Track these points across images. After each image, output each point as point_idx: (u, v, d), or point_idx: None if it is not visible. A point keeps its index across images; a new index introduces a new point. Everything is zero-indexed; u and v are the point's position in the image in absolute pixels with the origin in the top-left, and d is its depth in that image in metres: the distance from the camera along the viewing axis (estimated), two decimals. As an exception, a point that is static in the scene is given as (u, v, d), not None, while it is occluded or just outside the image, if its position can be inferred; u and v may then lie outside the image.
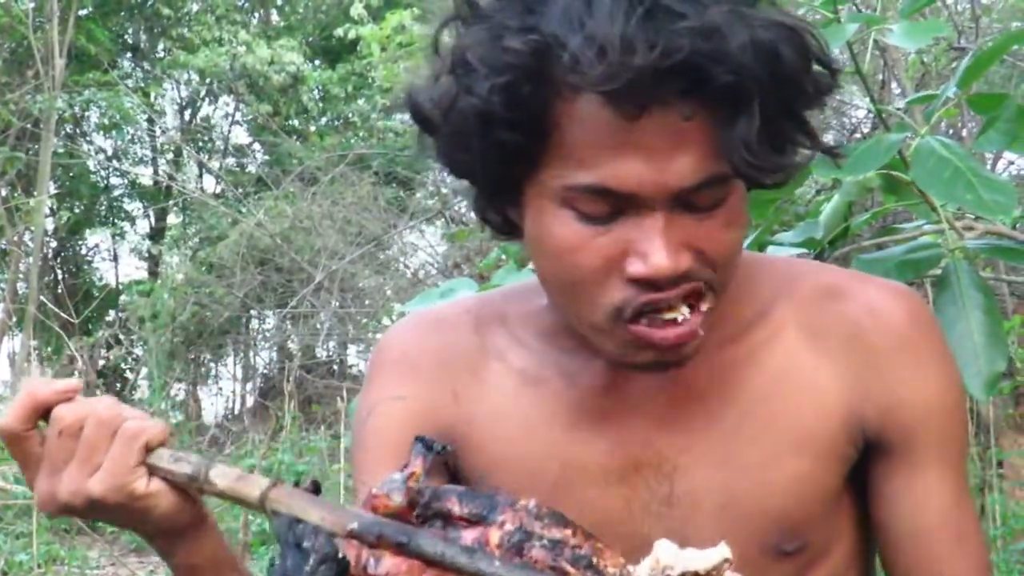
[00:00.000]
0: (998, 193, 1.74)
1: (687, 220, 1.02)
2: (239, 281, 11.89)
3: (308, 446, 7.58)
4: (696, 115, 0.97)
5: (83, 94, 13.48)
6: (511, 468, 1.20)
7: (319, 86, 14.39)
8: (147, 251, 15.66)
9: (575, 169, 1.01)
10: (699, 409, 1.16)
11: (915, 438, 1.16)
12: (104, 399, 1.07)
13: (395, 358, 1.27)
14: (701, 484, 1.16)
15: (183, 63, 14.10)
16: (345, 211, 11.49)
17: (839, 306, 1.18)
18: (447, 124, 1.05)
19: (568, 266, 1.05)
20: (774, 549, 1.16)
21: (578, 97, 0.99)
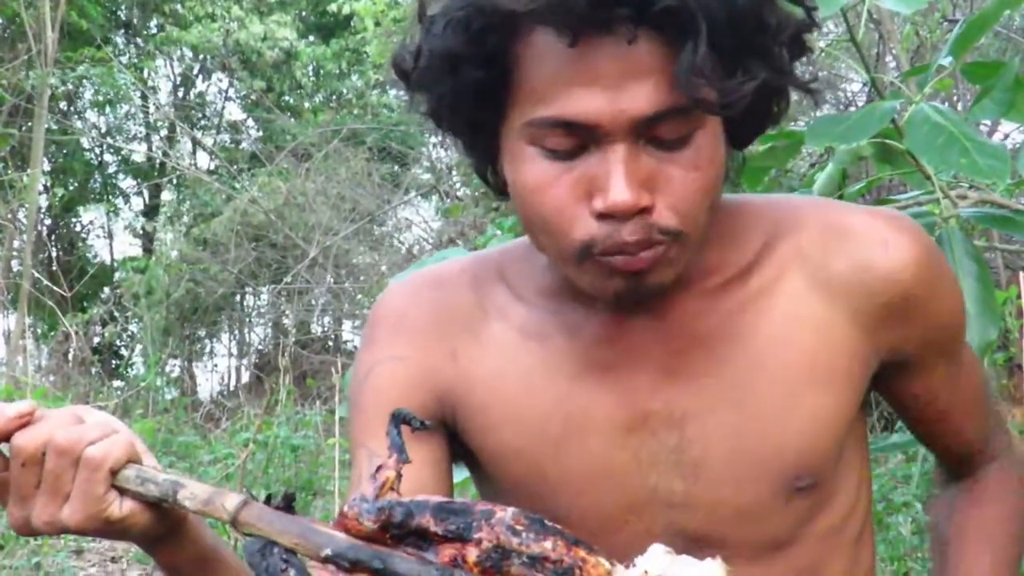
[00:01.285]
0: (992, 157, 1.74)
1: (651, 157, 1.03)
2: (233, 257, 11.89)
3: (303, 420, 7.59)
4: (643, 41, 0.99)
5: (76, 71, 13.44)
6: (514, 426, 1.20)
7: (313, 62, 14.35)
8: (141, 228, 15.65)
9: (536, 104, 1.03)
10: (706, 356, 1.16)
11: (927, 352, 1.21)
12: (63, 418, 1.03)
13: (392, 319, 1.27)
14: (712, 431, 1.16)
15: (176, 39, 14.05)
16: (339, 187, 11.48)
17: (847, 246, 1.17)
18: (418, 71, 1.08)
19: (539, 205, 1.06)
20: (787, 488, 1.16)
21: (534, 33, 1.01)
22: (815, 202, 1.25)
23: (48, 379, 10.14)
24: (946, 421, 1.27)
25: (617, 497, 1.18)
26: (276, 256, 11.87)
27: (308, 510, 5.33)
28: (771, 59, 1.04)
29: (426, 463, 1.20)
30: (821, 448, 1.17)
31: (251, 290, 13.34)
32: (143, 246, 15.44)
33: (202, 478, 6.04)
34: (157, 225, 14.93)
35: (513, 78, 1.04)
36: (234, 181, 12.96)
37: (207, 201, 13.18)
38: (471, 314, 1.24)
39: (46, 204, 14.71)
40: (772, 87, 1.06)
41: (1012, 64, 2.06)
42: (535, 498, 1.19)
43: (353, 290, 11.55)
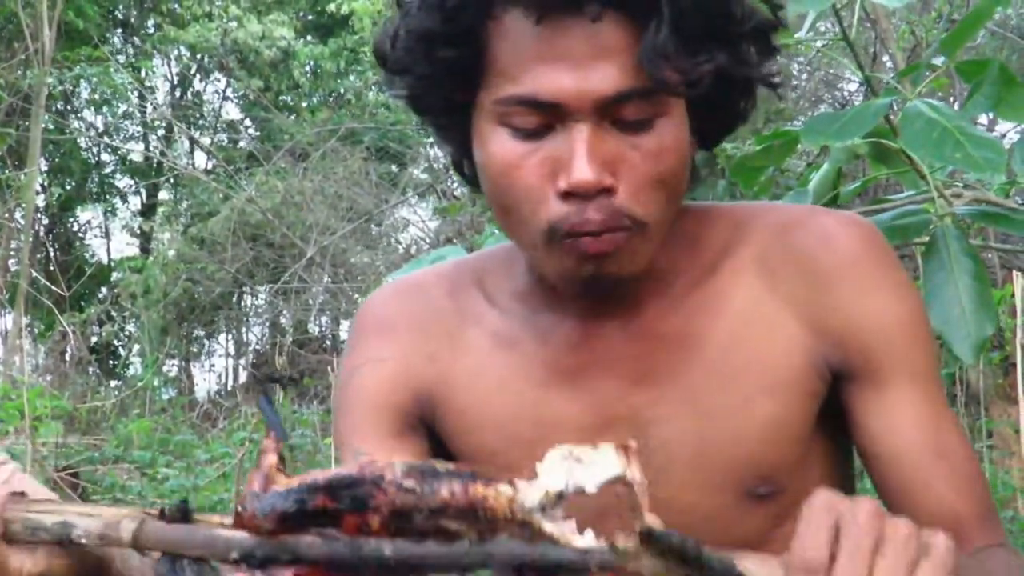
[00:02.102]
0: (987, 150, 1.74)
1: (614, 138, 1.05)
2: (231, 257, 11.90)
3: (300, 419, 7.60)
4: (607, 26, 1.01)
5: (73, 70, 13.44)
6: (489, 427, 1.22)
7: (311, 61, 14.35)
8: (138, 227, 15.66)
9: (505, 82, 1.05)
10: (668, 360, 1.17)
11: (876, 360, 1.16)
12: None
13: (373, 323, 1.29)
14: (674, 435, 1.17)
15: (173, 38, 14.06)
16: (336, 186, 11.49)
17: (792, 238, 1.18)
18: (395, 53, 1.11)
19: (506, 185, 1.08)
20: (748, 494, 1.17)
21: (505, 14, 1.03)
22: (771, 206, 1.26)
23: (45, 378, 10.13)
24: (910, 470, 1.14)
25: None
26: (273, 255, 11.88)
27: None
28: (735, 48, 1.06)
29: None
30: (776, 456, 1.17)
31: (248, 290, 13.34)
32: (140, 245, 15.45)
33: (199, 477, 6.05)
34: (154, 224, 14.94)
35: (485, 58, 1.06)
36: (231, 180, 12.96)
37: (204, 200, 13.19)
38: (448, 320, 1.26)
39: (43, 203, 14.72)
40: (735, 77, 1.07)
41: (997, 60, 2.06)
42: None
43: (350, 290, 11.54)
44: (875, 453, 1.17)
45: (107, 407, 9.15)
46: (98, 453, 7.13)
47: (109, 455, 7.09)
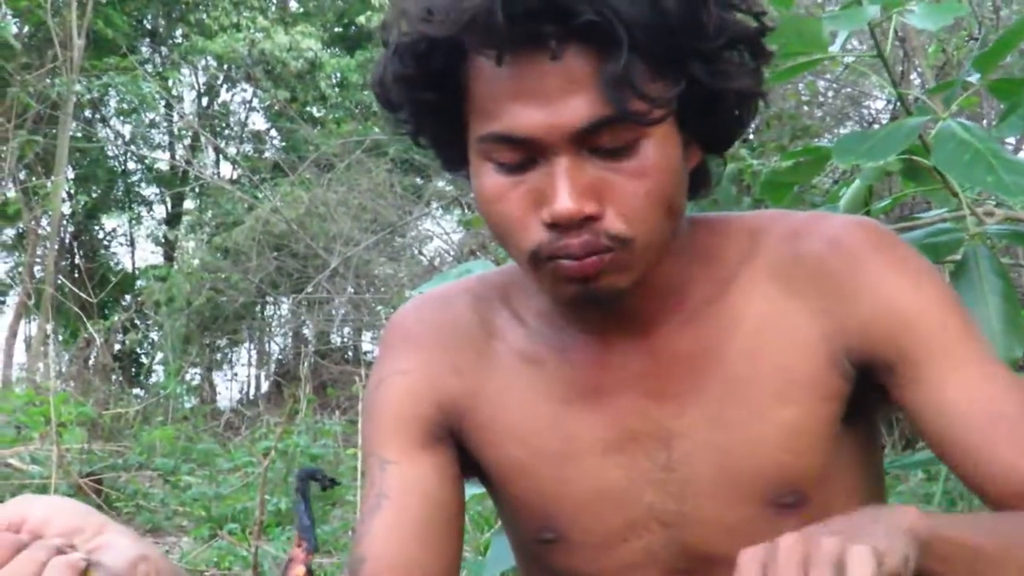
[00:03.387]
0: (1019, 175, 1.73)
1: (595, 166, 1.05)
2: (254, 266, 11.93)
3: (322, 430, 7.62)
4: (572, 59, 1.00)
5: (101, 79, 13.53)
6: (514, 441, 1.22)
7: (337, 73, 14.40)
8: (163, 236, 15.72)
9: (484, 121, 1.06)
10: (688, 374, 1.17)
11: (907, 344, 1.13)
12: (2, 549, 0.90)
13: (400, 335, 1.30)
14: (697, 447, 1.16)
15: (201, 49, 14.13)
16: (360, 198, 11.49)
17: (801, 245, 1.17)
18: (384, 92, 1.12)
19: (495, 215, 1.09)
20: (774, 504, 1.16)
21: (477, 55, 1.04)
22: (781, 215, 1.24)
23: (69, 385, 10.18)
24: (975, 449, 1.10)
25: (615, 515, 1.20)
26: (297, 266, 11.89)
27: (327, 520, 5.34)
28: (711, 62, 1.05)
29: (434, 473, 1.23)
30: (800, 463, 1.16)
31: (272, 300, 13.38)
32: (165, 254, 15.52)
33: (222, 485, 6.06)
34: (179, 233, 14.99)
35: (467, 97, 1.07)
36: (256, 190, 13.01)
37: (229, 210, 13.24)
38: (474, 333, 1.27)
39: (69, 211, 14.81)
40: (716, 90, 1.07)
41: (1036, 81, 2.06)
42: (539, 515, 1.23)
43: (373, 301, 11.57)
44: (932, 434, 1.14)
45: (130, 414, 9.19)
46: (121, 460, 7.15)
47: (132, 462, 7.12)
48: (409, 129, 1.15)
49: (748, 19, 1.08)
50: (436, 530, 1.20)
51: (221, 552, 4.94)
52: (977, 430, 1.11)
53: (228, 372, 14.61)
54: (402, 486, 1.20)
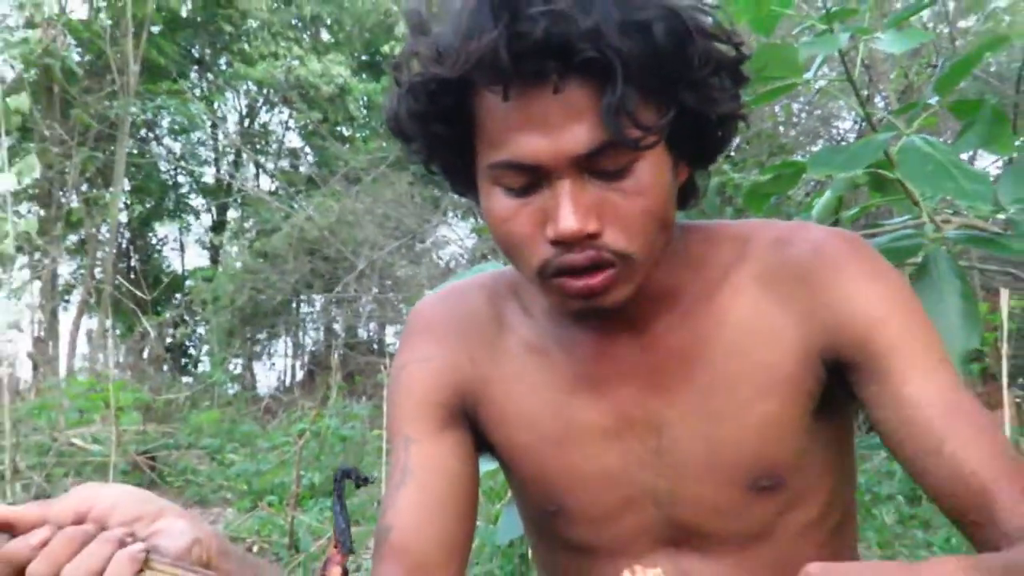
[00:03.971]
0: (977, 183, 1.73)
1: (595, 187, 1.04)
2: (290, 268, 11.96)
3: (351, 413, 7.61)
4: (572, 91, 0.99)
5: (154, 101, 13.55)
6: (522, 425, 1.22)
7: (364, 96, 14.41)
8: (209, 242, 15.74)
9: (492, 150, 1.05)
10: (679, 369, 1.17)
11: (872, 347, 1.11)
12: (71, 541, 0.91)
13: (421, 326, 1.29)
14: (685, 435, 1.16)
15: (243, 75, 14.15)
16: (384, 207, 11.52)
17: (786, 251, 1.16)
18: (398, 126, 1.11)
19: (504, 233, 1.08)
20: (753, 486, 1.16)
21: (484, 90, 1.02)
22: (767, 224, 1.23)
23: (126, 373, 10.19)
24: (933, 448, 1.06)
25: (612, 493, 1.19)
26: (328, 268, 11.92)
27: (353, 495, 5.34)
28: (698, 89, 1.04)
29: (453, 451, 1.22)
30: (777, 451, 1.16)
31: (305, 298, 13.39)
32: (211, 257, 15.53)
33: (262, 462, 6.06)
34: (223, 239, 15.01)
35: (476, 128, 1.06)
36: (292, 201, 13.02)
37: (268, 218, 13.25)
38: (487, 325, 1.26)
39: (126, 219, 14.83)
40: (704, 115, 1.06)
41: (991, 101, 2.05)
42: (544, 492, 1.23)
43: (396, 299, 11.58)
44: (895, 441, 1.10)
45: (180, 400, 9.20)
46: (172, 440, 7.16)
47: (182, 442, 7.12)
48: (422, 157, 1.13)
49: (728, 48, 1.07)
50: (454, 502, 1.20)
51: (261, 521, 4.94)
52: (936, 419, 1.07)
53: (267, 362, 14.62)
54: (424, 463, 1.20)
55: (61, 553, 0.89)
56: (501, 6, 0.97)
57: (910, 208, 2.14)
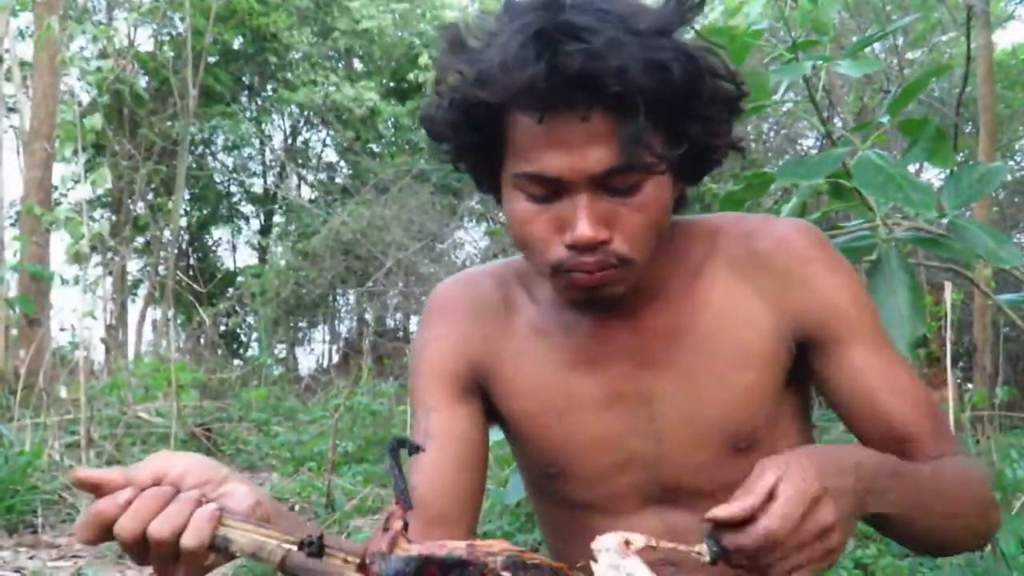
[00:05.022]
0: (921, 192, 1.74)
1: (608, 201, 1.04)
2: (327, 266, 11.96)
3: (380, 391, 7.61)
4: (597, 119, 0.99)
5: (210, 122, 13.57)
6: (528, 397, 1.22)
7: (392, 118, 14.40)
8: (258, 243, 15.75)
9: (519, 161, 1.05)
10: (665, 348, 1.17)
11: (831, 329, 1.15)
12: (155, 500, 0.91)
13: (438, 309, 1.29)
14: (672, 406, 1.17)
15: (286, 99, 14.14)
16: (409, 213, 11.53)
17: (754, 243, 1.17)
18: (434, 128, 1.11)
19: (523, 233, 1.09)
20: (732, 448, 1.17)
21: (518, 112, 1.02)
22: (736, 217, 1.24)
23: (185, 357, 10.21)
24: (872, 404, 1.15)
25: (607, 457, 1.19)
26: (360, 266, 11.92)
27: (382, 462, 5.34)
28: (706, 122, 1.05)
29: (468, 419, 1.22)
30: (752, 417, 1.17)
31: (341, 292, 13.39)
32: (259, 257, 15.53)
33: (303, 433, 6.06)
34: (270, 241, 15.01)
35: (506, 140, 1.06)
36: (329, 208, 13.02)
37: (308, 223, 13.25)
38: (497, 308, 1.26)
39: (186, 224, 14.84)
40: (707, 144, 1.07)
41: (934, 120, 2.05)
42: (547, 456, 1.22)
43: (419, 293, 11.59)
44: (840, 400, 1.17)
45: (232, 379, 9.21)
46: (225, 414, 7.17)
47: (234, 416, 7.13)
48: (450, 158, 1.14)
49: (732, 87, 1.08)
50: (468, 465, 1.20)
51: (302, 484, 4.94)
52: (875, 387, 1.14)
53: (307, 347, 14.62)
54: (443, 429, 1.20)
55: (147, 511, 0.89)
56: (544, 43, 0.97)
57: (865, 213, 2.14)
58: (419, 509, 1.13)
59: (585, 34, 0.97)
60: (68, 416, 5.79)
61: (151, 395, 6.71)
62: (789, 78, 1.94)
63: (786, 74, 1.91)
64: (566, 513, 1.24)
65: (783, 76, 1.93)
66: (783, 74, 1.92)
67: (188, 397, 6.48)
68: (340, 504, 4.47)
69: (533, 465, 1.27)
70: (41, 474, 4.67)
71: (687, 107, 1.02)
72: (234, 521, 0.90)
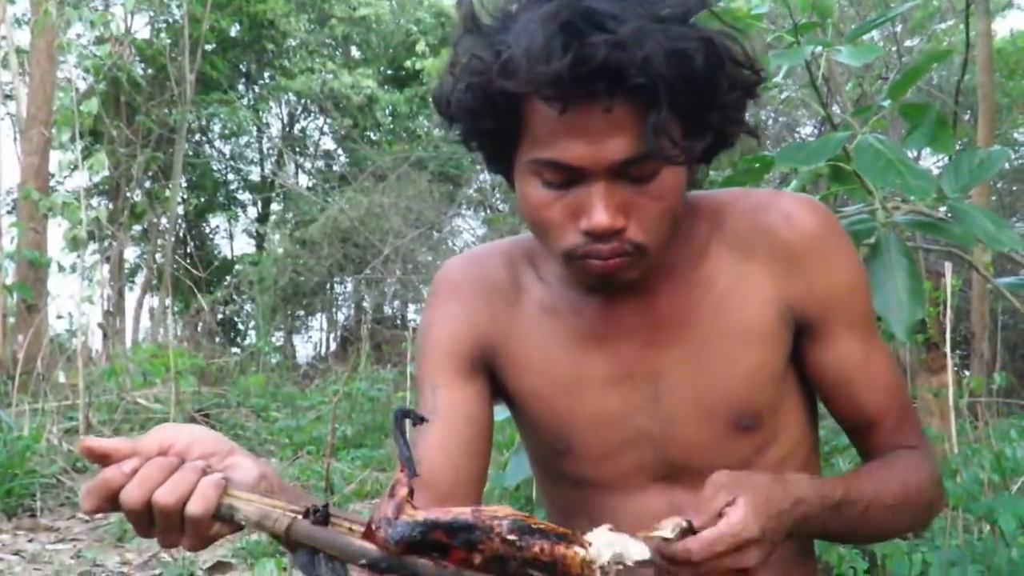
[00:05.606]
0: (921, 179, 1.72)
1: (625, 189, 1.04)
2: (325, 254, 11.95)
3: (378, 378, 7.61)
4: (618, 108, 0.98)
5: (208, 109, 13.54)
6: (536, 375, 1.21)
7: (390, 106, 14.38)
8: (255, 231, 15.74)
9: (537, 148, 1.04)
10: (673, 328, 1.17)
11: (829, 313, 1.16)
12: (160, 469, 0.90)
13: (446, 286, 1.28)
14: (677, 383, 1.17)
15: (284, 87, 14.12)
16: (407, 201, 11.52)
17: (760, 219, 1.17)
18: (450, 112, 1.09)
19: (539, 219, 1.08)
20: (736, 426, 1.17)
21: (538, 100, 1.01)
22: (741, 192, 1.23)
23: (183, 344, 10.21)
24: (849, 391, 1.19)
25: (614, 434, 1.19)
26: (358, 253, 11.91)
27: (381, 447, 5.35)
28: (725, 110, 1.04)
29: (474, 397, 1.22)
30: (757, 395, 1.17)
31: (338, 279, 13.39)
32: (256, 245, 15.52)
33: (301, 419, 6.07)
34: (267, 229, 15.00)
35: (523, 126, 1.05)
36: (327, 196, 13.01)
37: (306, 211, 13.25)
38: (505, 287, 1.25)
39: (183, 211, 14.81)
40: (725, 131, 1.07)
41: (934, 106, 2.05)
42: (554, 433, 1.22)
43: (417, 281, 11.58)
44: (824, 383, 1.20)
45: (230, 366, 9.21)
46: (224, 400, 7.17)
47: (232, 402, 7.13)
48: (462, 138, 1.12)
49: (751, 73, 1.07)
50: (473, 442, 1.19)
51: (301, 468, 4.95)
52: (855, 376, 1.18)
53: (305, 335, 14.64)
54: (448, 407, 1.19)
55: (153, 478, 0.89)
56: (570, 34, 0.96)
57: (865, 197, 2.13)
58: (424, 486, 1.12)
59: (610, 23, 0.96)
60: (67, 402, 5.79)
61: (149, 381, 6.71)
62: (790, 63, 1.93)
63: (787, 59, 1.91)
64: (571, 491, 1.25)
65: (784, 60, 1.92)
66: (784, 58, 1.91)
67: (186, 383, 6.48)
68: (339, 487, 4.48)
69: (540, 442, 1.27)
70: (40, 458, 4.68)
71: (708, 96, 1.01)
72: (240, 492, 0.90)
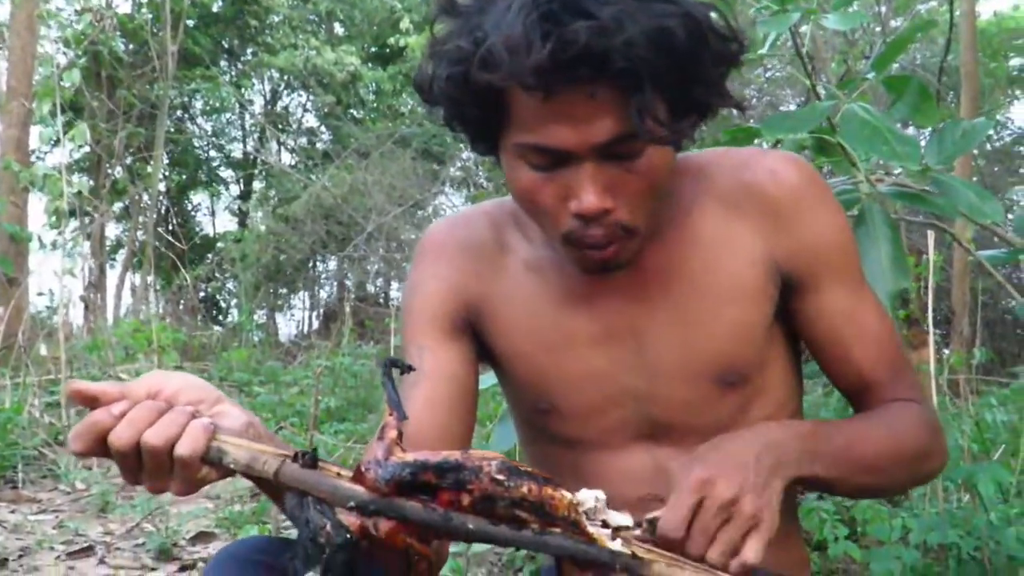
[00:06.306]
0: (907, 145, 1.74)
1: (612, 167, 1.04)
2: (308, 231, 11.91)
3: (362, 353, 7.60)
4: (602, 92, 0.98)
5: (190, 85, 13.43)
6: (521, 334, 1.22)
7: (373, 83, 14.31)
8: (238, 208, 15.66)
9: (522, 132, 1.04)
10: (658, 284, 1.18)
11: (817, 267, 1.17)
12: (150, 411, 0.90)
13: (431, 248, 1.28)
14: (662, 340, 1.18)
15: (267, 63, 14.01)
16: (391, 179, 11.48)
17: (745, 176, 1.18)
18: (431, 97, 1.09)
19: (528, 203, 1.09)
20: (721, 382, 1.18)
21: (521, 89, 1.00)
22: (725, 151, 1.24)
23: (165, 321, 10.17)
24: (840, 346, 1.20)
25: (598, 392, 1.20)
26: (341, 231, 11.88)
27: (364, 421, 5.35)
28: (710, 84, 1.04)
29: (459, 358, 1.23)
30: (742, 351, 1.18)
31: (321, 257, 13.35)
32: (239, 222, 15.45)
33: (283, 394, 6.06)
34: (250, 206, 14.93)
35: (507, 111, 1.04)
36: (310, 173, 12.95)
37: (289, 188, 13.18)
38: (491, 247, 1.26)
39: (165, 188, 14.72)
40: (710, 104, 1.06)
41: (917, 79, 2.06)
42: (538, 392, 1.23)
43: (400, 259, 11.56)
44: (815, 340, 1.21)
45: (212, 342, 9.18)
46: (206, 375, 7.14)
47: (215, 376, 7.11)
48: (446, 121, 1.12)
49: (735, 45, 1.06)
50: (459, 402, 1.20)
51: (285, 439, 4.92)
52: (847, 333, 1.19)
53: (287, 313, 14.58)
54: (435, 367, 1.20)
55: (141, 420, 0.90)
56: (551, 22, 0.95)
57: (848, 169, 2.15)
58: (410, 444, 1.13)
59: (590, 5, 0.95)
60: (48, 376, 5.77)
61: (132, 356, 6.68)
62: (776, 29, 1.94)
63: (774, 26, 1.91)
64: (556, 450, 1.25)
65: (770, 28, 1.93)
66: (770, 26, 1.92)
67: (170, 358, 6.46)
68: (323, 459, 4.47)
69: (525, 402, 1.27)
70: (22, 431, 4.67)
71: (692, 72, 1.01)
72: (229, 436, 0.91)
